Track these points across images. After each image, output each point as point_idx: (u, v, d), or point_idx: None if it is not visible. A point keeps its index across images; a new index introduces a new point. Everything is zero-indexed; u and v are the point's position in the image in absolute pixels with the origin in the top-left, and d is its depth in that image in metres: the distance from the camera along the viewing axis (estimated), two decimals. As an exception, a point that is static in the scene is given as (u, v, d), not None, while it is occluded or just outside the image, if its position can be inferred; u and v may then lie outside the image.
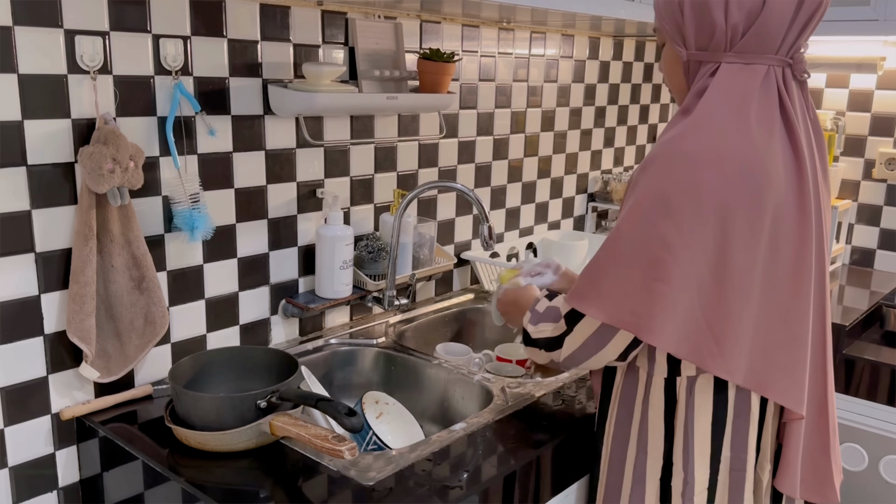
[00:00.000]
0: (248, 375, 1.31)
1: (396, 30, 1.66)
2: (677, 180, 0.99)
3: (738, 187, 0.99)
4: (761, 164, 1.00)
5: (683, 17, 1.06)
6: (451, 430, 1.24)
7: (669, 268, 0.99)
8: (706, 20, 1.04)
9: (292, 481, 1.09)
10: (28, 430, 1.24)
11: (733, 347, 1.02)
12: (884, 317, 2.11)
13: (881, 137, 2.33)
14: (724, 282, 1.00)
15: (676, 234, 0.99)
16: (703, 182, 0.98)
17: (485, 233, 1.61)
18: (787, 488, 1.10)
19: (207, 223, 1.36)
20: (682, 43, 1.09)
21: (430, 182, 1.63)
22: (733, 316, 1.01)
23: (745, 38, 1.02)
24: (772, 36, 1.02)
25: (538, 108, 2.16)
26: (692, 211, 0.98)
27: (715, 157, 0.99)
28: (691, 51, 1.08)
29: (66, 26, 1.18)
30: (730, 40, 1.03)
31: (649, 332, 1.01)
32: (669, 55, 1.13)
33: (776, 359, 1.04)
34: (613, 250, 1.04)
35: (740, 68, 1.04)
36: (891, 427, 1.80)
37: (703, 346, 1.02)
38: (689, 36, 1.07)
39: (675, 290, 0.99)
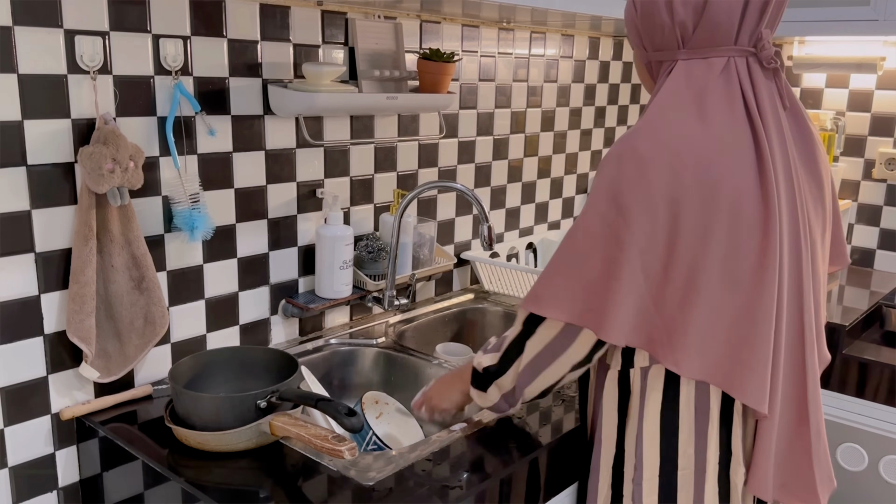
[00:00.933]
0: (248, 375, 1.31)
1: (396, 30, 1.66)
2: (627, 178, 0.99)
3: (689, 183, 0.98)
4: (715, 159, 0.99)
5: (639, 21, 1.09)
6: (451, 430, 1.24)
7: (622, 265, 1.00)
8: (654, 22, 1.06)
9: (292, 481, 1.09)
10: (28, 430, 1.24)
11: (684, 339, 1.01)
12: (884, 317, 2.11)
13: (881, 137, 2.33)
14: (675, 275, 1.00)
15: (627, 231, 0.99)
16: (653, 179, 0.98)
17: (485, 233, 1.61)
18: (758, 490, 1.08)
19: (207, 223, 1.36)
20: (642, 45, 1.11)
21: (430, 182, 1.63)
22: (685, 308, 1.01)
23: (696, 33, 1.03)
24: (723, 27, 1.02)
25: (538, 108, 2.16)
26: (642, 207, 0.98)
27: (666, 153, 0.99)
28: (650, 52, 1.10)
29: (66, 26, 1.18)
30: (680, 37, 1.04)
31: (604, 329, 1.02)
32: (637, 58, 1.16)
33: (740, 356, 1.02)
34: (570, 249, 1.05)
35: (696, 63, 1.04)
36: (891, 427, 1.80)
37: (654, 336, 1.03)
38: (645, 38, 1.09)
39: (626, 285, 1.00)
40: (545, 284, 1.07)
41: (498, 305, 1.91)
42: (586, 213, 1.03)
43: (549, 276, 1.07)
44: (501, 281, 1.96)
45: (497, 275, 1.96)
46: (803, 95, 2.43)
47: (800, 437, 1.10)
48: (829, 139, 2.33)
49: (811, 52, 2.37)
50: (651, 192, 0.98)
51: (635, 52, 1.15)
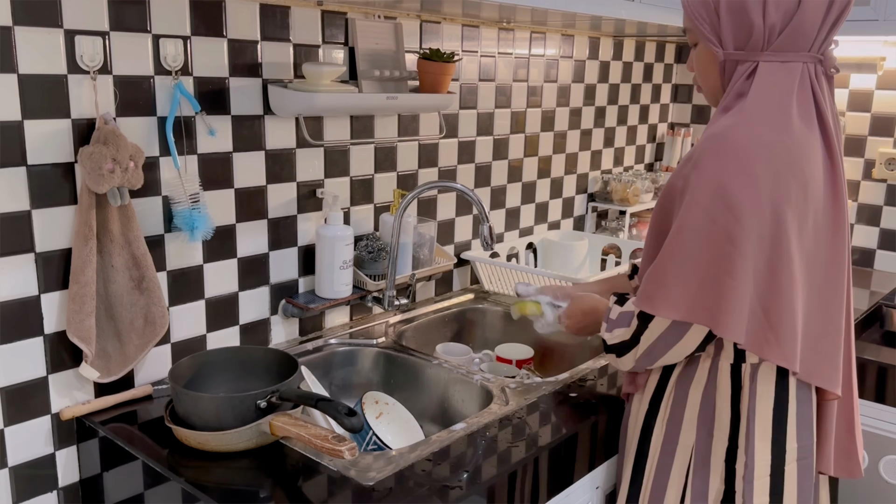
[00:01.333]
0: (248, 375, 1.31)
1: (396, 30, 1.66)
2: (733, 174, 1.01)
3: (787, 180, 1.02)
4: (804, 158, 1.03)
5: (720, 17, 1.08)
6: (451, 430, 1.24)
7: (734, 261, 1.02)
8: (744, 21, 1.06)
9: (292, 481, 1.09)
10: (28, 430, 1.24)
11: (788, 336, 1.05)
12: (884, 317, 2.11)
13: (881, 137, 2.33)
14: (779, 272, 1.03)
15: (737, 226, 1.01)
16: (759, 175, 1.01)
17: (485, 233, 1.61)
18: (823, 465, 1.14)
19: (207, 223, 1.36)
20: (719, 43, 1.10)
21: (430, 182, 1.63)
22: (787, 306, 1.04)
23: (782, 36, 1.05)
24: (806, 34, 1.05)
25: (538, 108, 2.16)
26: (751, 202, 1.01)
27: (765, 149, 1.02)
28: (728, 51, 1.09)
29: (66, 26, 1.18)
30: (767, 39, 1.06)
31: (723, 326, 1.04)
32: (704, 55, 1.14)
33: (820, 347, 1.08)
34: (678, 248, 1.06)
35: (778, 67, 1.06)
36: (891, 427, 1.80)
37: (761, 336, 1.05)
38: (726, 36, 1.09)
39: (740, 282, 1.02)
40: (656, 284, 1.08)
41: (498, 305, 1.91)
42: (691, 211, 1.04)
43: (659, 274, 1.08)
44: (501, 281, 1.96)
45: (497, 275, 1.96)
46: (803, 95, 2.43)
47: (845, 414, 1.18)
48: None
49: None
50: (758, 189, 1.01)
51: (703, 47, 1.13)
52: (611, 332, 1.19)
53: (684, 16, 1.15)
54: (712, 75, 1.14)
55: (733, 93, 1.08)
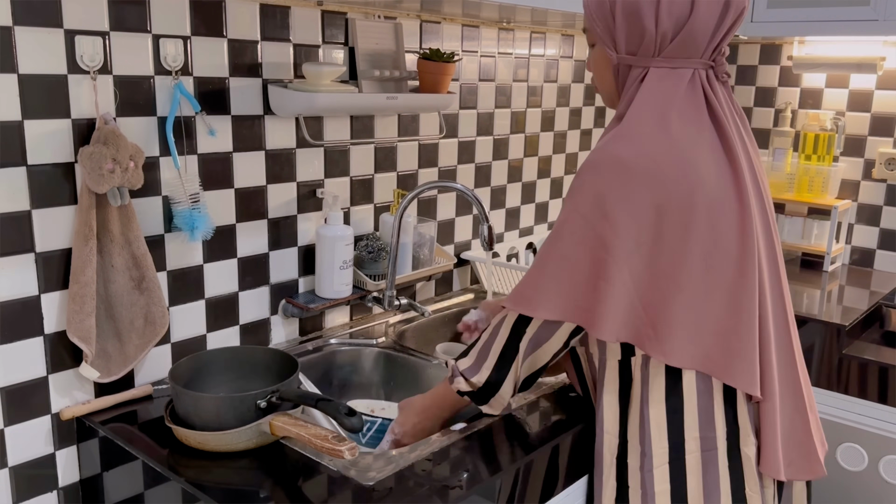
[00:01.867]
0: (248, 375, 1.31)
1: (396, 30, 1.66)
2: (612, 186, 1.05)
3: (669, 188, 1.04)
4: (690, 164, 1.05)
5: (615, 21, 1.10)
6: (451, 430, 1.24)
7: (609, 267, 1.06)
8: (637, 26, 1.08)
9: (292, 481, 1.09)
10: (28, 430, 1.24)
11: (669, 332, 1.07)
12: (884, 317, 2.11)
13: (881, 137, 2.33)
14: (658, 273, 1.06)
15: (613, 235, 1.05)
16: (636, 186, 1.04)
17: (485, 233, 1.61)
18: (771, 470, 1.12)
19: (207, 223, 1.36)
20: (613, 46, 1.12)
21: (430, 182, 1.63)
22: (668, 304, 1.06)
23: (673, 43, 1.08)
24: (697, 41, 1.08)
25: (538, 108, 2.16)
26: (627, 213, 1.04)
27: (645, 160, 1.05)
28: (621, 54, 1.12)
29: (66, 26, 1.18)
30: (658, 46, 1.08)
31: (595, 326, 1.08)
32: (599, 57, 1.17)
33: (728, 344, 1.08)
34: (555, 252, 1.10)
35: (667, 73, 1.09)
36: (891, 427, 1.80)
37: (641, 331, 1.08)
38: (620, 40, 1.11)
39: (614, 286, 1.06)
40: (533, 286, 1.12)
41: (498, 305, 1.91)
42: (569, 217, 1.08)
43: (536, 277, 1.12)
44: (501, 281, 1.96)
45: (497, 275, 1.96)
46: (803, 95, 2.43)
47: (799, 414, 1.16)
48: (829, 139, 2.33)
49: (811, 52, 2.37)
50: (635, 199, 1.04)
51: (599, 49, 1.16)
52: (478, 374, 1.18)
53: (584, 15, 1.17)
54: (607, 78, 1.16)
55: (626, 100, 1.11)
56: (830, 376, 1.86)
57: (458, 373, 1.21)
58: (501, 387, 1.19)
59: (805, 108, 2.43)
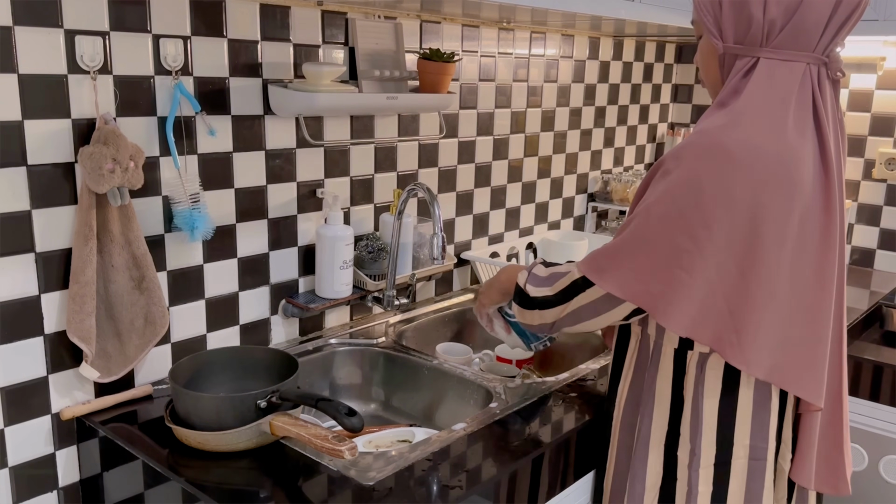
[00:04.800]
0: (248, 375, 1.31)
1: (396, 30, 1.66)
2: (712, 172, 1.00)
3: (770, 188, 1.00)
4: (794, 165, 1.01)
5: (722, 9, 1.07)
6: (451, 430, 1.24)
7: (693, 259, 1.02)
8: (744, 14, 1.05)
9: (292, 481, 1.09)
10: (28, 430, 1.24)
11: (753, 341, 1.04)
12: (884, 317, 2.11)
13: (881, 137, 2.33)
14: (751, 278, 1.02)
15: (704, 228, 1.01)
16: (737, 179, 1.00)
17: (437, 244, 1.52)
18: (803, 479, 1.13)
19: (207, 223, 1.36)
20: (719, 35, 1.09)
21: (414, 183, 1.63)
22: (757, 311, 1.03)
23: (782, 33, 1.03)
24: (809, 33, 1.03)
25: (538, 108, 2.16)
26: (723, 207, 1.00)
27: (751, 154, 1.00)
28: (728, 44, 1.08)
29: (66, 26, 1.18)
30: (766, 35, 1.04)
31: (664, 315, 1.04)
32: (706, 47, 1.13)
33: (800, 354, 1.07)
34: (640, 232, 1.06)
35: (778, 65, 1.04)
36: (891, 427, 1.80)
37: (723, 335, 1.05)
38: (727, 29, 1.08)
39: (695, 280, 1.02)
40: (610, 258, 1.09)
41: (498, 305, 1.91)
42: (663, 200, 1.03)
43: (615, 250, 1.08)
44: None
45: (497, 275, 1.96)
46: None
47: (832, 429, 1.15)
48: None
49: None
50: (734, 194, 1.00)
51: (706, 40, 1.12)
52: (535, 286, 1.19)
53: (693, 7, 1.15)
54: (712, 68, 1.13)
55: (729, 88, 1.07)
56: (830, 376, 1.86)
57: (529, 269, 1.23)
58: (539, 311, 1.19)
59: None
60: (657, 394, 1.14)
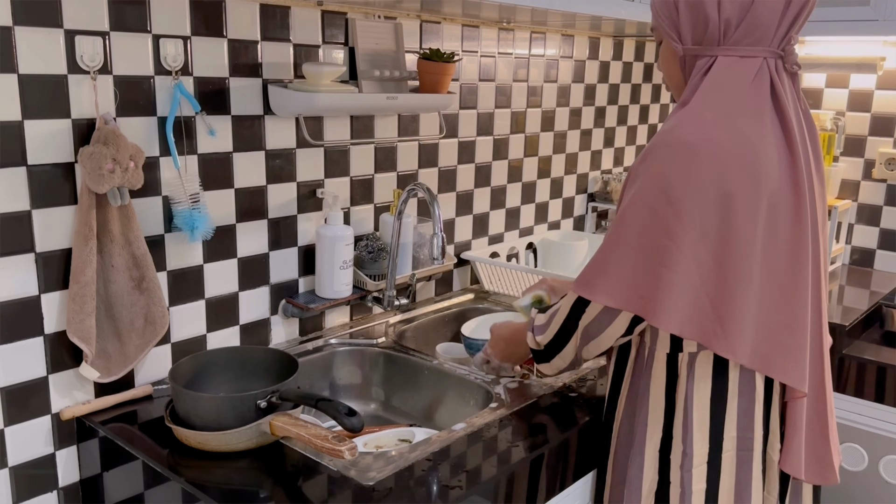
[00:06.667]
0: (248, 375, 1.31)
1: (396, 30, 1.66)
2: (677, 169, 1.03)
3: (735, 176, 1.02)
4: (753, 154, 1.04)
5: (678, 12, 1.10)
6: (451, 430, 1.24)
7: (672, 254, 1.03)
8: (700, 15, 1.08)
9: (292, 481, 1.09)
10: (28, 430, 1.24)
11: (736, 328, 1.05)
12: (884, 317, 2.11)
13: (881, 137, 2.33)
14: (726, 266, 1.04)
15: (677, 221, 1.03)
16: (703, 171, 1.02)
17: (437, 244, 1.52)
18: (793, 469, 1.13)
19: (207, 223, 1.36)
20: (678, 38, 1.12)
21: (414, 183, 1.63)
22: (736, 298, 1.05)
23: (738, 30, 1.06)
24: (763, 28, 1.06)
25: (538, 108, 2.16)
26: (693, 199, 1.02)
27: (712, 146, 1.03)
28: (687, 45, 1.11)
29: (66, 26, 1.18)
30: (723, 33, 1.07)
31: (656, 316, 1.06)
32: (666, 51, 1.17)
33: (779, 339, 1.08)
34: (618, 238, 1.08)
35: (735, 61, 1.08)
36: (891, 427, 1.80)
37: (707, 327, 1.06)
38: (685, 31, 1.11)
39: (678, 275, 1.04)
40: (596, 271, 1.11)
41: (498, 305, 1.91)
42: (634, 203, 1.06)
43: (600, 262, 1.11)
44: (501, 281, 1.96)
45: (497, 275, 1.96)
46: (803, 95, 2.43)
47: (818, 417, 1.15)
48: (829, 139, 2.33)
49: (811, 52, 2.37)
50: (702, 185, 1.02)
51: (666, 44, 1.15)
52: (543, 334, 1.23)
53: (651, 14, 1.18)
54: (675, 71, 1.16)
55: (690, 87, 1.10)
56: (830, 376, 1.86)
57: (532, 326, 1.25)
58: (559, 353, 1.21)
59: (805, 108, 2.42)
60: (651, 400, 1.15)
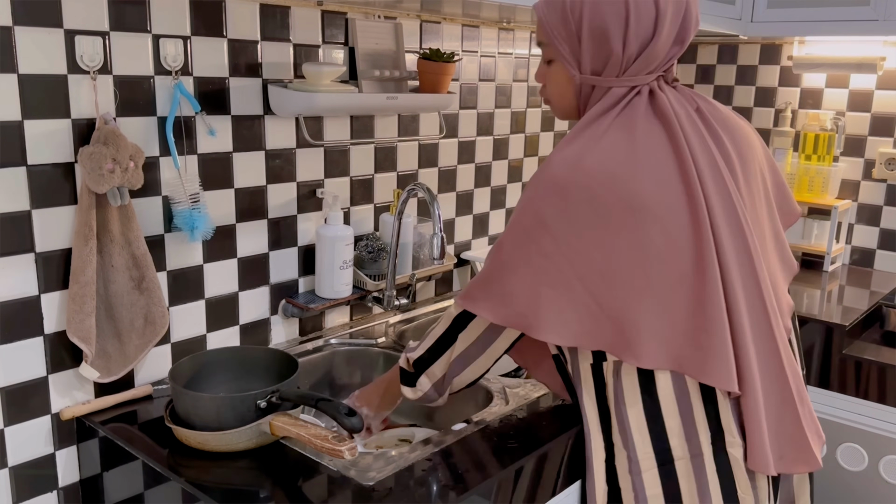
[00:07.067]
0: (248, 375, 1.31)
1: (396, 30, 1.66)
2: (550, 203, 1.06)
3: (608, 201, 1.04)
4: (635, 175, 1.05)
5: (580, 42, 1.10)
6: (451, 430, 1.24)
7: (551, 274, 1.06)
8: (604, 48, 1.09)
9: (292, 481, 1.09)
10: (28, 430, 1.24)
11: (638, 335, 1.06)
12: (884, 317, 2.11)
13: (881, 137, 2.33)
14: (617, 282, 1.06)
15: (554, 246, 1.06)
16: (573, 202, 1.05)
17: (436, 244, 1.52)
18: (759, 466, 1.11)
19: (207, 223, 1.36)
20: (577, 67, 1.13)
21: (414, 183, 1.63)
22: (630, 308, 1.06)
23: (636, 63, 1.09)
24: (657, 59, 1.10)
25: (538, 108, 2.16)
26: (566, 228, 1.05)
27: (582, 176, 1.05)
28: (585, 75, 1.13)
29: (66, 26, 1.18)
30: (623, 67, 1.09)
31: (538, 330, 1.08)
32: (560, 73, 1.16)
33: (699, 342, 1.07)
34: (498, 258, 1.12)
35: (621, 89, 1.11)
36: (891, 427, 1.80)
37: (610, 338, 1.08)
38: (585, 61, 1.12)
39: (559, 292, 1.06)
40: (480, 287, 1.14)
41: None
42: (513, 226, 1.10)
43: (483, 280, 1.14)
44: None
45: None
46: (803, 95, 2.43)
47: (787, 406, 1.14)
48: (829, 139, 2.33)
49: (811, 52, 2.37)
50: (573, 216, 1.05)
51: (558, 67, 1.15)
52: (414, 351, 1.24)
53: (539, 29, 1.16)
54: (567, 95, 1.17)
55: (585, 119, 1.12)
56: (831, 376, 1.86)
57: (405, 352, 1.26)
58: (426, 371, 1.22)
59: (805, 108, 2.43)
60: (587, 413, 1.16)
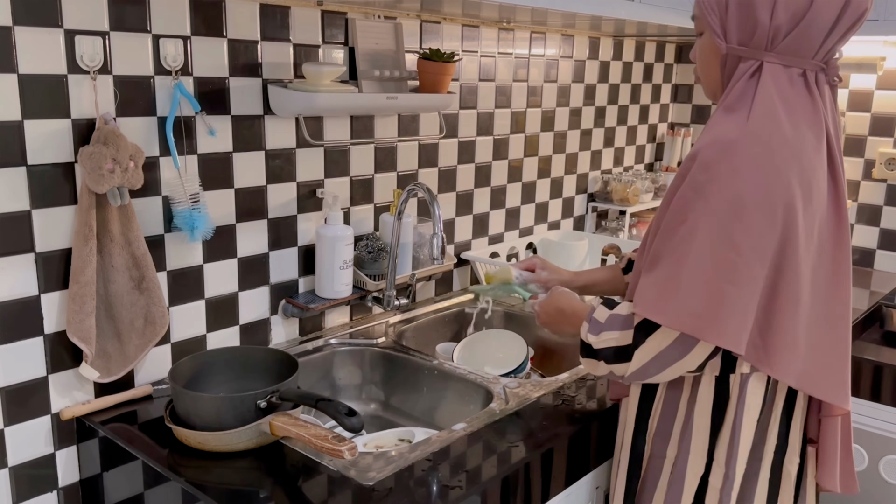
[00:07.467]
0: (248, 375, 1.31)
1: (396, 30, 1.66)
2: (751, 184, 0.99)
3: (797, 189, 1.00)
4: (814, 170, 1.02)
5: (728, 10, 1.07)
6: (451, 430, 1.24)
7: (739, 270, 0.99)
8: (751, 17, 1.04)
9: (292, 481, 1.09)
10: (28, 430, 1.24)
11: (778, 344, 1.03)
12: (884, 317, 2.11)
13: (881, 137, 2.33)
14: (779, 284, 1.01)
15: (745, 236, 0.99)
16: (771, 182, 0.99)
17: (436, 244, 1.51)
18: (830, 484, 1.12)
19: (207, 223, 1.36)
20: (723, 36, 1.08)
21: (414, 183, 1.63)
22: (784, 314, 1.02)
23: (787, 39, 1.04)
24: (812, 40, 1.04)
25: (538, 108, 2.16)
26: (763, 214, 0.99)
27: (778, 158, 1.00)
28: (731, 45, 1.08)
29: (66, 26, 1.18)
30: (771, 40, 1.04)
31: (716, 335, 1.00)
32: (707, 45, 1.13)
33: (823, 359, 1.06)
34: (685, 256, 1.02)
35: (781, 70, 1.05)
36: (891, 427, 1.80)
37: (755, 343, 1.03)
38: (731, 30, 1.07)
39: (743, 292, 1.00)
40: (660, 289, 1.03)
41: (498, 305, 1.91)
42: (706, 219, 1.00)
43: (664, 280, 1.03)
44: (501, 281, 1.96)
45: (485, 273, 1.96)
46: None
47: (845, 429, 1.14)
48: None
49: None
50: (771, 196, 0.99)
51: (707, 38, 1.11)
52: (597, 336, 1.11)
53: (696, 3, 1.13)
54: (713, 68, 1.12)
55: (736, 91, 1.06)
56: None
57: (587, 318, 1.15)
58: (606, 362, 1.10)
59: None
60: (695, 425, 1.11)
